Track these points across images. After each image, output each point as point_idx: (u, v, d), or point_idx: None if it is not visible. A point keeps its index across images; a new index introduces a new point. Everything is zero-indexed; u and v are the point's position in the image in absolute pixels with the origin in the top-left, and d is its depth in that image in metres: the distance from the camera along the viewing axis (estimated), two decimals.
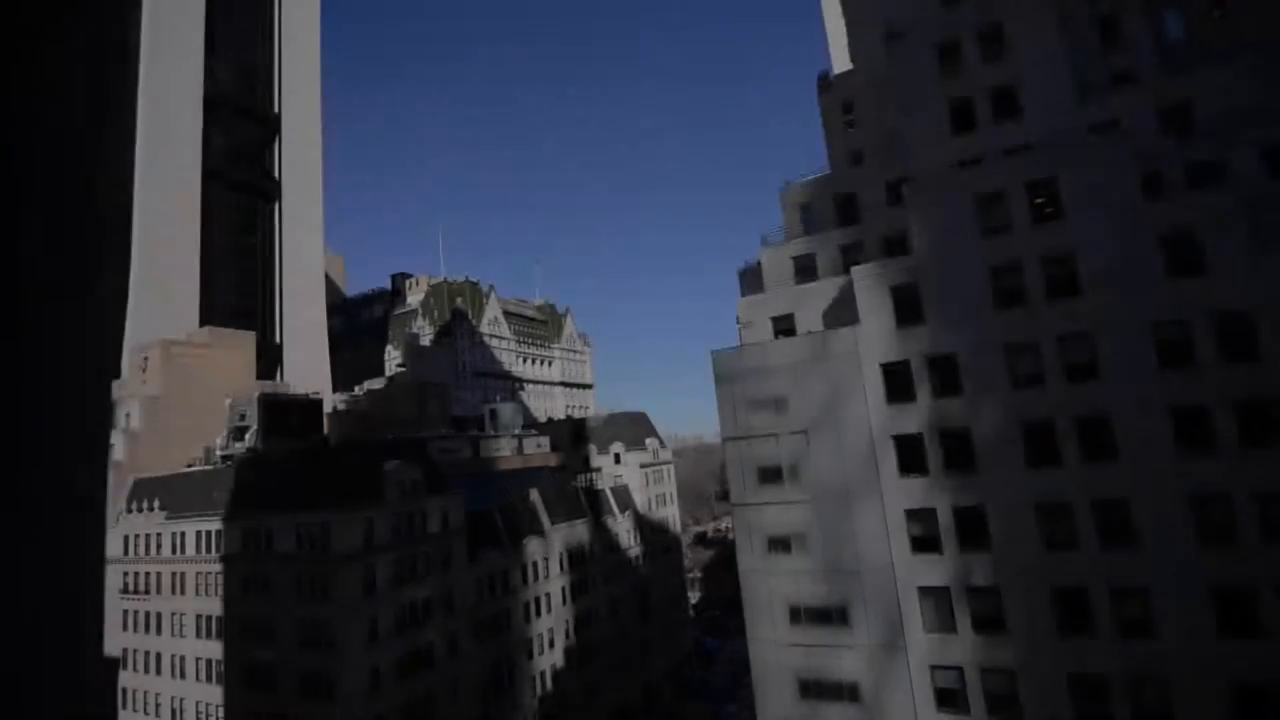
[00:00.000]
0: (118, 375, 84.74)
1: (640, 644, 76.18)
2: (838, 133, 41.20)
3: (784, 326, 34.87)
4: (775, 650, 30.70)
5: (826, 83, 42.84)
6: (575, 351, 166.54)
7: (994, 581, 27.30)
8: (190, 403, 71.53)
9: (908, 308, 30.19)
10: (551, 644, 62.38)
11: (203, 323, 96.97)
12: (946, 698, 27.62)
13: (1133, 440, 25.66)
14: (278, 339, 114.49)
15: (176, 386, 71.67)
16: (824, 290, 33.96)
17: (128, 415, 67.34)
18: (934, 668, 27.88)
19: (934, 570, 28.28)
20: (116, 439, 65.03)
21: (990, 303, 28.62)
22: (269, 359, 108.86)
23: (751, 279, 38.20)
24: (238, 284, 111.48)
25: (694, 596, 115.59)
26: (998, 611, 27.15)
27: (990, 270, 28.79)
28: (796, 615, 30.49)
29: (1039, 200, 28.48)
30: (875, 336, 30.46)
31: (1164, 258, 25.91)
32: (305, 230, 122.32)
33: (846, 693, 29.09)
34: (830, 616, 29.79)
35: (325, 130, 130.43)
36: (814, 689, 29.73)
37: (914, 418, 29.41)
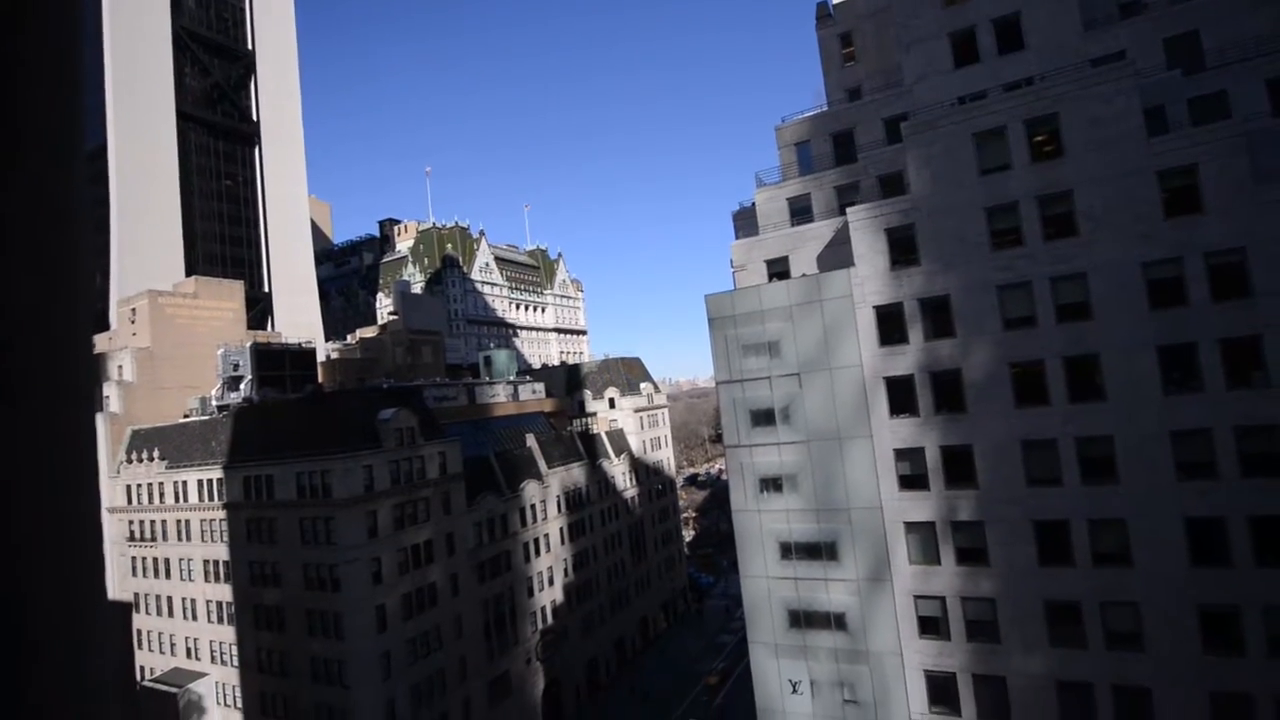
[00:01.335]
0: (106, 327, 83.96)
1: (637, 581, 79.00)
2: (835, 67, 39.88)
3: (778, 270, 34.67)
4: (766, 584, 31.92)
5: (825, 13, 41.13)
6: (568, 297, 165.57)
7: (978, 516, 28.22)
8: (182, 353, 71.20)
9: (902, 249, 30.01)
10: (551, 581, 64.60)
11: (189, 272, 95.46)
12: (929, 625, 29.00)
13: (1120, 379, 26.07)
14: (266, 288, 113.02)
15: (167, 337, 71.13)
16: (819, 232, 33.63)
17: (120, 367, 67.06)
18: (917, 597, 29.13)
19: (921, 506, 29.17)
20: (111, 391, 64.99)
21: (986, 243, 28.46)
22: (259, 308, 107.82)
23: (746, 221, 37.71)
24: (222, 232, 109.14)
25: (688, 535, 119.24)
26: (981, 544, 28.19)
27: (986, 211, 28.50)
28: (787, 551, 31.57)
29: (1039, 137, 27.93)
30: (869, 279, 30.38)
31: (1162, 195, 25.67)
32: (287, 174, 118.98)
33: (834, 622, 30.46)
34: (820, 552, 30.86)
35: (305, 73, 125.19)
36: (803, 619, 31.10)
37: (906, 360, 29.69)
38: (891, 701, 29.15)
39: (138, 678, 58.48)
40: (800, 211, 35.54)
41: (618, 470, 77.85)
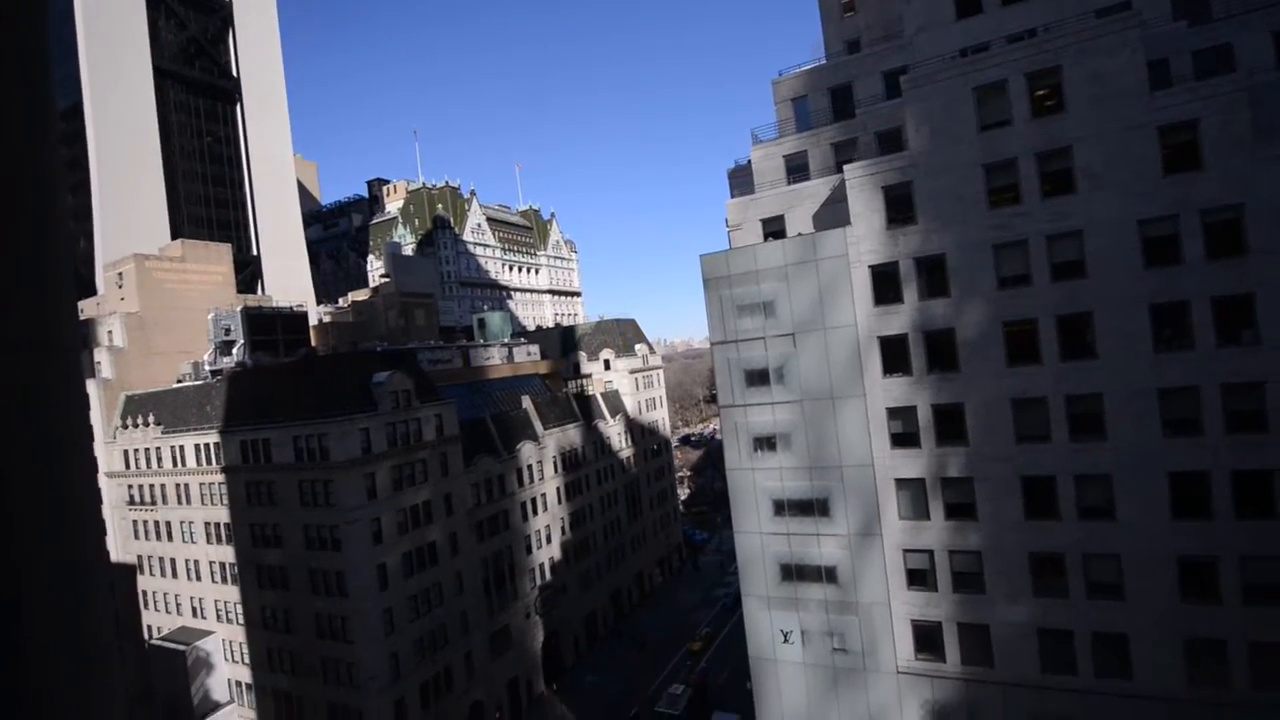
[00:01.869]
0: (93, 292, 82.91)
1: (633, 538, 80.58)
2: (834, 18, 38.72)
3: (774, 229, 34.37)
4: (760, 539, 32.64)
5: None
6: (562, 258, 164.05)
7: (968, 473, 28.75)
8: (172, 318, 70.60)
9: (899, 208, 29.73)
10: (548, 539, 65.85)
11: (174, 235, 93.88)
12: (916, 577, 29.84)
13: (1112, 338, 26.25)
14: (255, 251, 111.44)
15: (156, 302, 70.38)
16: (815, 191, 33.23)
17: (110, 333, 66.49)
18: (906, 551, 29.89)
19: (911, 463, 29.66)
20: (102, 356, 64.58)
21: (983, 201, 28.21)
22: (248, 271, 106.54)
23: (742, 179, 37.17)
24: (206, 194, 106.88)
25: (683, 493, 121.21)
26: (969, 499, 28.80)
27: (985, 168, 28.15)
28: (780, 508, 32.18)
29: (1040, 91, 27.41)
30: (865, 238, 30.17)
31: (1162, 151, 25.39)
32: (271, 132, 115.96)
33: (825, 575, 31.29)
34: (812, 508, 31.48)
35: (285, 29, 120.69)
36: (795, 572, 31.93)
37: (900, 319, 29.74)
38: (879, 649, 30.21)
39: (146, 636, 59.83)
40: (797, 169, 35.02)
41: (613, 431, 78.54)
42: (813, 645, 31.55)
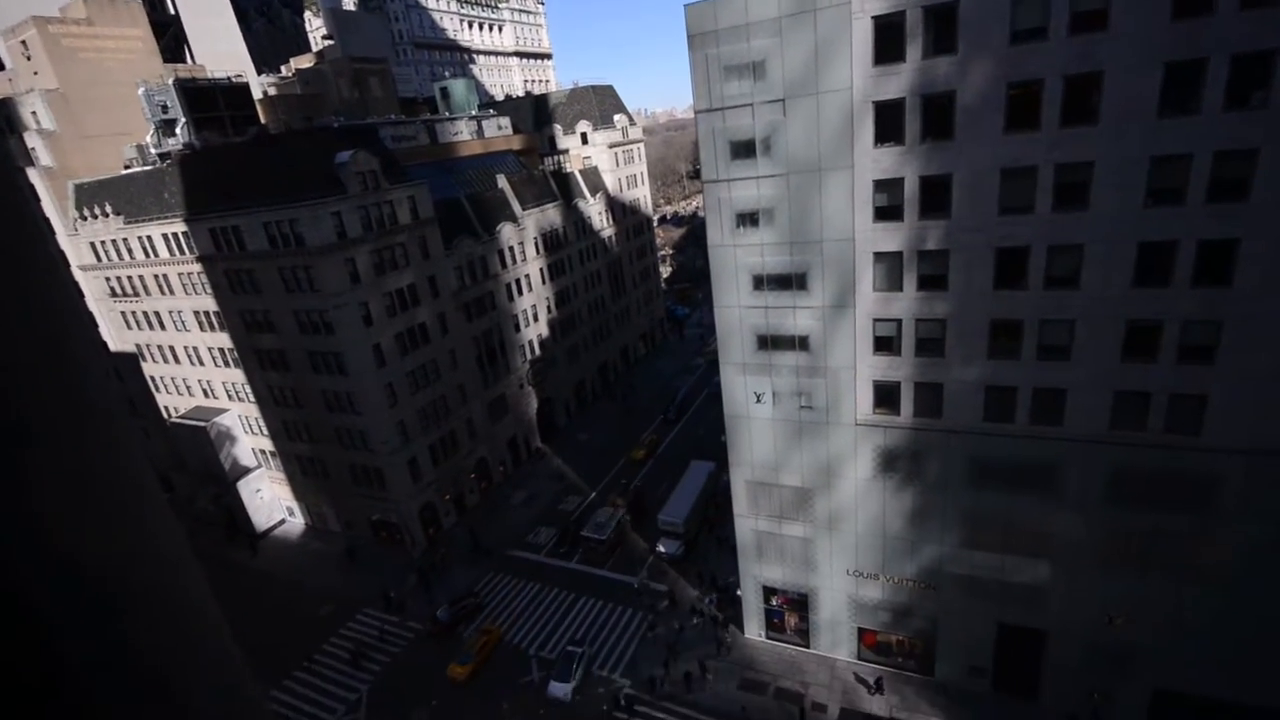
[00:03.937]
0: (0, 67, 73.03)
1: (617, 314, 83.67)
2: None
3: None
4: (738, 313, 34.09)
5: None
6: (528, 12, 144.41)
7: (944, 245, 29.14)
8: (98, 95, 63.36)
9: None
10: (535, 318, 68.26)
11: None
12: (883, 343, 31.94)
13: (1117, 100, 24.76)
14: (171, 9, 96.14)
15: (75, 76, 62.50)
16: None
17: (34, 114, 60.01)
18: (876, 320, 31.55)
19: (892, 237, 29.87)
20: (34, 142, 59.17)
21: None
22: (170, 35, 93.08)
23: None
24: None
25: (666, 271, 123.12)
26: (942, 271, 29.61)
27: None
28: (759, 283, 33.05)
29: None
30: None
31: None
32: None
33: (798, 343, 33.36)
34: (790, 282, 32.37)
35: None
36: (770, 341, 33.97)
37: (900, 81, 27.55)
38: (842, 406, 33.52)
39: (165, 416, 64.25)
40: None
41: (594, 210, 76.86)
42: (782, 404, 34.84)
